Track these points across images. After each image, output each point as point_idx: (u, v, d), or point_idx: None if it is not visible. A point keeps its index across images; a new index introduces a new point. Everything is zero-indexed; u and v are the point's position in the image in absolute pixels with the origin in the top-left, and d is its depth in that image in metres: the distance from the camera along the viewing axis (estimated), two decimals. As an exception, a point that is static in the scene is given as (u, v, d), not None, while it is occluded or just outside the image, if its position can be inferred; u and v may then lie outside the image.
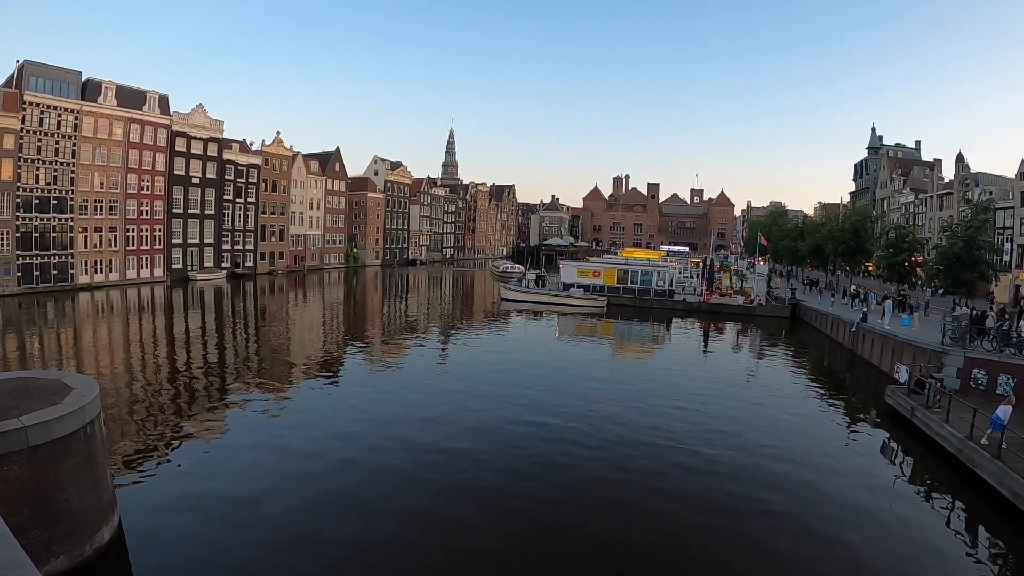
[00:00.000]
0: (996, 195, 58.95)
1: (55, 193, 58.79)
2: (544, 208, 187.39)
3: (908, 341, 31.33)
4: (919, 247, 50.84)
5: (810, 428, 24.45)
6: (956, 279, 40.29)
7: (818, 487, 17.92)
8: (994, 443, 17.79)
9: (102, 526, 12.61)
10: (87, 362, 31.09)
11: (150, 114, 67.95)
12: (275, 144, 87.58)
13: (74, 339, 38.22)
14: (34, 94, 56.41)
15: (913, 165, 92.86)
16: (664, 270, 62.48)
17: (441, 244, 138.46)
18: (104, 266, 63.96)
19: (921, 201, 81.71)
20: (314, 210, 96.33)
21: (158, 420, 21.96)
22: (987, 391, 24.23)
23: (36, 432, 11.00)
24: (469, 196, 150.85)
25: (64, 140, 59.25)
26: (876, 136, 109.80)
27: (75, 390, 12.96)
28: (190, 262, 74.14)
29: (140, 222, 67.55)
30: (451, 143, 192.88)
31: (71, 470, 11.78)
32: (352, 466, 17.95)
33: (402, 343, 40.39)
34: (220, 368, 31.45)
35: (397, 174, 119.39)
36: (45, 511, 11.22)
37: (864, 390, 32.54)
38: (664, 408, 25.47)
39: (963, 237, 39.90)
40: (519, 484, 17.28)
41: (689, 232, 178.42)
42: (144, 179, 67.94)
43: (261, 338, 41.53)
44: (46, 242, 58.06)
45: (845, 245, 60.27)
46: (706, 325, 51.81)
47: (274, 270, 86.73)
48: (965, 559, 14.67)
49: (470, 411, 24.07)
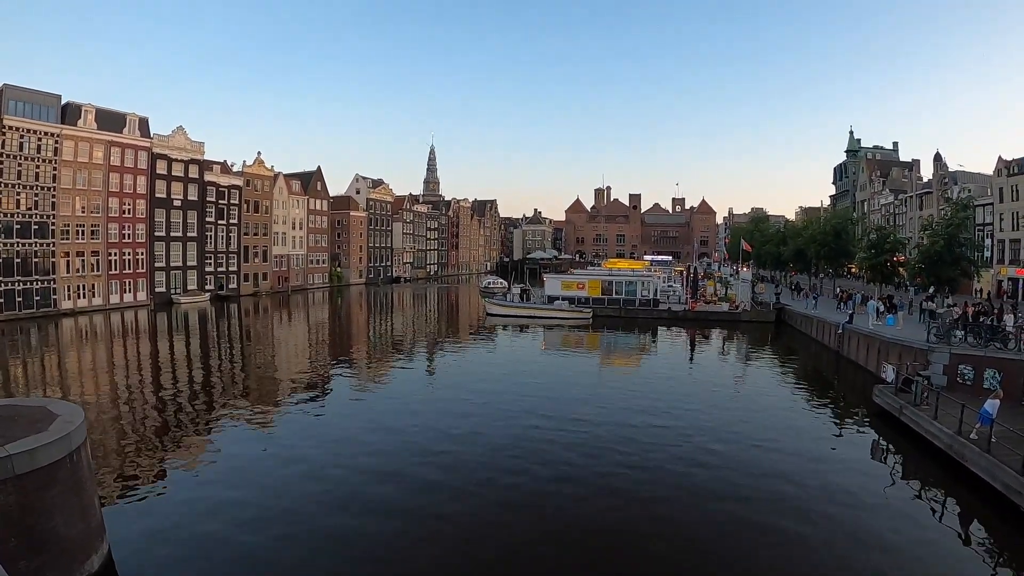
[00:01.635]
0: (975, 192, 60.02)
1: (36, 218, 58.15)
2: (527, 222, 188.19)
3: (894, 340, 31.62)
4: (900, 247, 51.46)
5: (799, 430, 24.54)
6: (938, 277, 40.78)
7: (808, 488, 17.97)
8: (983, 437, 17.94)
9: (91, 554, 12.37)
10: (72, 388, 30.62)
11: (130, 137, 67.58)
12: (256, 165, 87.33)
13: (58, 365, 37.69)
14: (13, 118, 55.94)
15: (892, 166, 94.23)
16: (648, 280, 62.71)
17: (425, 261, 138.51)
18: (87, 291, 63.19)
19: (901, 201, 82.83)
20: (297, 230, 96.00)
21: (145, 446, 21.63)
22: (974, 386, 24.44)
23: (22, 460, 10.78)
24: (451, 212, 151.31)
25: (44, 164, 58.75)
26: (854, 139, 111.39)
27: (61, 417, 12.74)
28: (173, 285, 73.49)
29: (122, 246, 66.94)
30: (432, 160, 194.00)
31: (58, 498, 11.55)
32: (343, 487, 17.76)
33: (388, 362, 40.23)
34: (207, 392, 31.12)
35: (379, 192, 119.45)
36: (32, 540, 10.99)
37: (852, 391, 32.77)
38: (651, 414, 25.54)
39: (944, 235, 40.44)
40: (514, 491, 17.26)
41: (672, 241, 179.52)
42: (126, 202, 67.40)
43: (247, 360, 41.17)
44: (28, 267, 57.32)
45: (827, 248, 60.85)
46: (692, 333, 52.04)
47: (258, 291, 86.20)
48: (959, 551, 14.78)
49: (461, 420, 24.06)
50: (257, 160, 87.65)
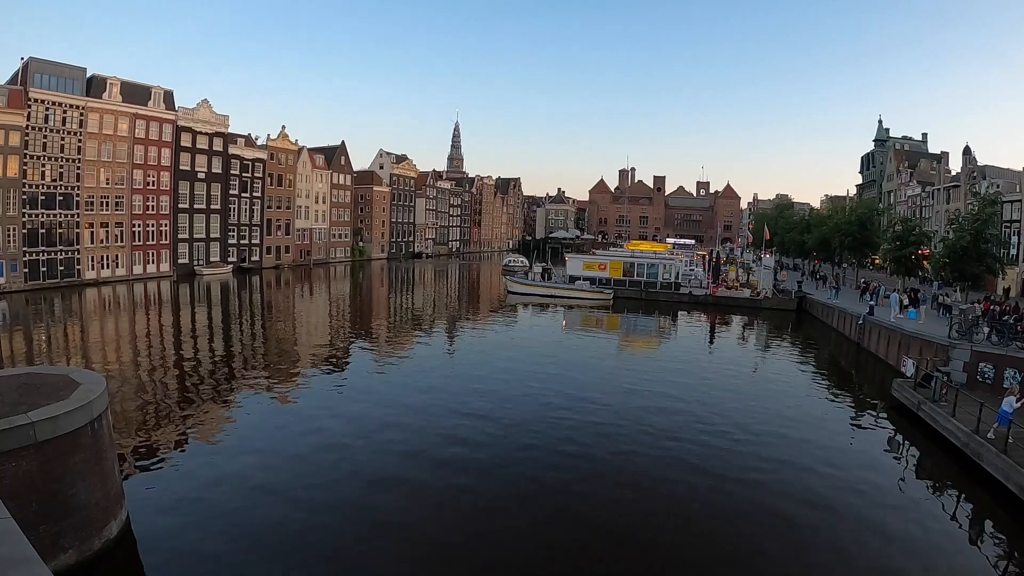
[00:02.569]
0: (1003, 188, 58.56)
1: (61, 189, 58.95)
2: (550, 201, 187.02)
3: (914, 335, 31.21)
4: (926, 240, 50.59)
5: (816, 421, 24.40)
6: (963, 272, 40.11)
7: (823, 479, 17.91)
8: (1000, 437, 17.73)
9: (110, 521, 12.71)
10: (94, 357, 31.23)
11: (155, 109, 68.03)
12: (280, 138, 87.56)
13: (81, 335, 38.43)
14: (39, 91, 56.51)
15: (920, 158, 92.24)
16: (670, 263, 62.47)
17: (447, 237, 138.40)
18: (110, 262, 64.16)
19: (928, 194, 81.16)
20: (320, 204, 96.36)
21: (165, 415, 22.08)
22: (994, 385, 24.14)
23: (44, 427, 11.08)
24: (475, 189, 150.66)
25: (69, 136, 59.40)
26: (883, 128, 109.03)
27: (83, 385, 13.02)
28: (196, 257, 74.32)
29: (146, 217, 67.75)
30: (456, 136, 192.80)
31: (79, 465, 11.86)
32: (360, 460, 18.04)
33: (408, 337, 40.56)
34: (227, 363, 31.58)
35: (402, 168, 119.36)
36: (53, 506, 11.32)
37: (871, 383, 32.49)
38: (669, 399, 25.61)
39: (970, 230, 39.69)
40: (532, 469, 17.45)
41: (695, 225, 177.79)
42: (150, 175, 68.06)
43: (268, 332, 41.70)
44: (52, 238, 58.24)
45: (851, 238, 59.88)
46: (712, 318, 51.75)
47: (280, 264, 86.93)
48: (970, 551, 14.72)
49: (479, 399, 24.29)
50: (281, 134, 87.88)
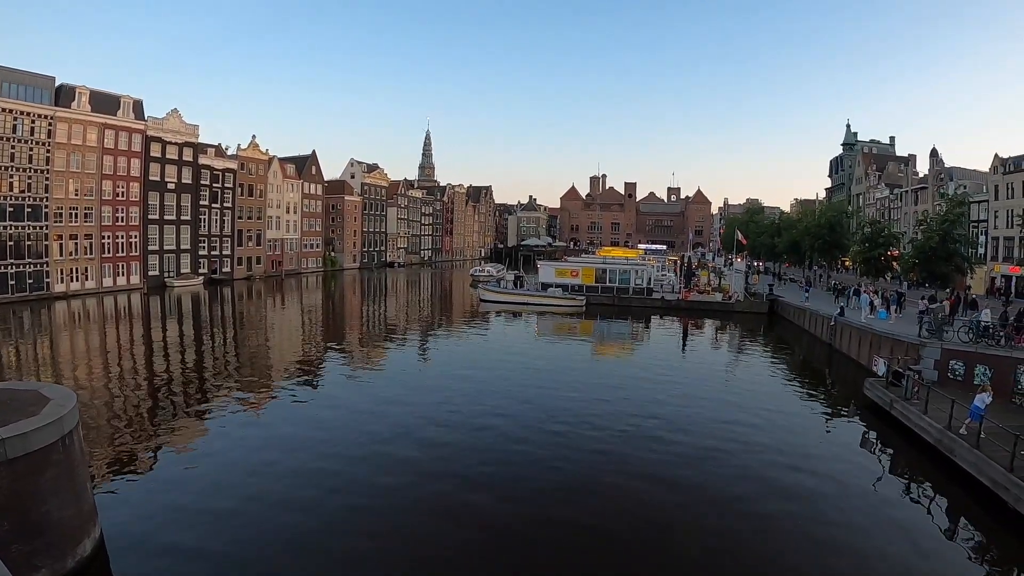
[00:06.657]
0: (970, 189, 60.09)
1: (29, 201, 57.56)
2: (522, 209, 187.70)
3: (885, 334, 31.78)
4: (895, 241, 51.60)
5: (790, 422, 24.72)
6: (932, 272, 40.92)
7: (797, 479, 18.14)
8: (972, 432, 18.09)
9: (83, 538, 12.41)
10: (65, 372, 30.51)
11: (125, 119, 66.89)
12: (251, 148, 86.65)
13: (51, 349, 37.49)
14: (6, 100, 55.19)
15: (888, 160, 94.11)
16: (642, 268, 62.80)
17: (419, 246, 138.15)
18: (80, 274, 62.72)
19: (896, 196, 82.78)
20: (291, 214, 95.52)
21: (137, 429, 21.64)
22: (964, 382, 24.66)
23: (14, 444, 10.78)
24: (446, 198, 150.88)
25: (38, 147, 58.06)
26: (851, 132, 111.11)
27: (53, 401, 12.73)
28: (167, 268, 73.04)
29: (116, 229, 66.45)
30: (428, 145, 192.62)
31: (51, 482, 11.56)
32: (334, 470, 17.87)
33: (381, 346, 40.42)
34: (199, 376, 31.05)
35: (374, 176, 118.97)
36: (25, 524, 11.01)
37: (843, 383, 32.98)
38: (644, 404, 25.79)
39: (938, 231, 40.56)
40: (511, 478, 17.39)
41: (667, 230, 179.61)
42: (119, 185, 66.80)
43: (239, 344, 41.11)
44: (20, 250, 56.80)
45: (821, 241, 60.97)
46: (685, 322, 52.18)
47: (252, 275, 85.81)
48: (945, 546, 14.96)
49: (453, 404, 24.16)
50: (252, 144, 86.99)
